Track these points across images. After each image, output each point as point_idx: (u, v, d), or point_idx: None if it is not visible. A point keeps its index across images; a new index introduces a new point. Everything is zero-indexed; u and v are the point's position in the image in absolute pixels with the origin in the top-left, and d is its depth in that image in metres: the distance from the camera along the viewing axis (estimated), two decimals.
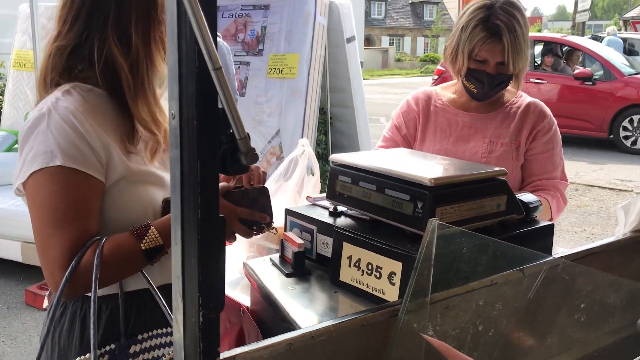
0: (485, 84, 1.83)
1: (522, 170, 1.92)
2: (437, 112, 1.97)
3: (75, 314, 1.33)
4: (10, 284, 4.13)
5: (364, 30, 30.68)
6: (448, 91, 2.02)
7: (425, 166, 1.42)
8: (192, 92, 0.75)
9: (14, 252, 4.07)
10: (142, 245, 1.23)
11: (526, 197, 1.43)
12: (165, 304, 1.31)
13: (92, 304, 1.21)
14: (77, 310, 1.33)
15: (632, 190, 6.97)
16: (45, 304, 2.19)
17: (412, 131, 2.00)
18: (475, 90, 1.86)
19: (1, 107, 6.41)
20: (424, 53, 41.79)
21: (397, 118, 2.04)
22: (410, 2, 46.56)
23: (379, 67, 33.29)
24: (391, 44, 43.46)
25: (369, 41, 40.31)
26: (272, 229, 1.38)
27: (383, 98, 16.88)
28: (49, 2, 5.98)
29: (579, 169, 8.03)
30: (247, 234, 1.34)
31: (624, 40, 14.76)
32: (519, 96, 1.98)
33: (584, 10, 18.86)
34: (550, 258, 1.28)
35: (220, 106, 0.78)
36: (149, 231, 1.24)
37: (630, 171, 7.95)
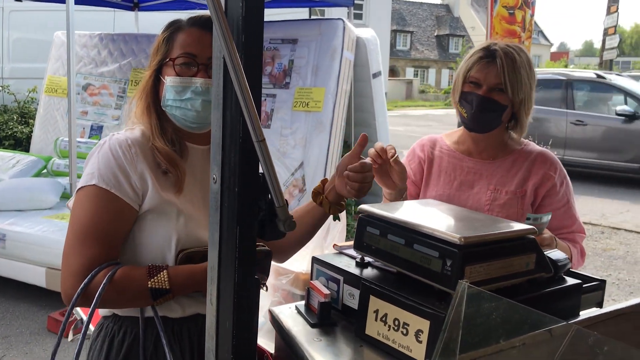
0: (474, 106, 1.79)
1: None
2: (442, 157, 1.97)
3: (106, 335, 1.46)
4: (33, 309, 4.17)
5: (389, 62, 30.92)
6: (452, 137, 2.03)
7: (456, 222, 1.42)
8: (235, 160, 0.77)
9: (38, 277, 4.11)
10: (149, 283, 1.33)
11: (555, 254, 1.42)
12: (166, 343, 1.37)
13: (85, 320, 1.35)
14: (109, 332, 1.46)
15: None
16: (71, 337, 2.21)
17: (418, 177, 2.01)
18: (465, 115, 1.83)
19: (32, 132, 6.56)
20: (449, 85, 41.89)
21: None
22: (435, 34, 46.85)
23: (403, 98, 33.43)
24: (415, 75, 43.65)
25: (393, 72, 40.55)
26: (264, 285, 1.44)
27: (406, 130, 16.91)
28: (83, 30, 6.14)
29: (605, 211, 7.93)
30: None
31: None
32: (526, 145, 1.96)
33: (612, 48, 18.79)
34: (576, 321, 1.28)
35: (260, 173, 0.80)
36: (161, 273, 1.34)
37: None
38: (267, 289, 1.46)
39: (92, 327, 2.07)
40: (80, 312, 2.30)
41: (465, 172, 1.93)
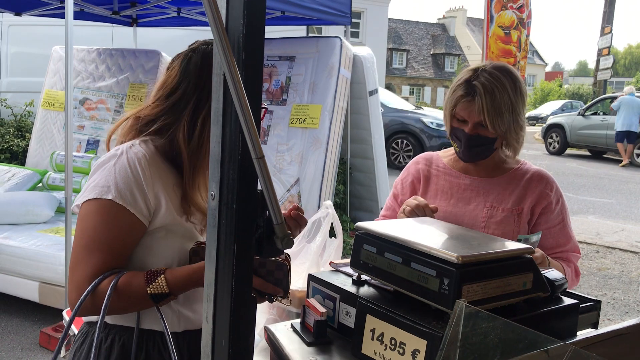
0: (463, 143, 1.84)
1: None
2: (439, 175, 1.99)
3: (92, 342, 1.44)
4: (25, 324, 4.12)
5: (385, 79, 31.06)
6: (449, 155, 2.05)
7: (453, 241, 1.42)
8: (234, 177, 0.77)
9: (31, 292, 4.07)
10: (148, 289, 1.34)
11: (552, 274, 1.42)
12: (174, 351, 1.37)
13: (97, 330, 1.33)
14: (94, 339, 1.43)
15: None
16: (63, 353, 2.19)
17: (407, 196, 2.01)
18: (458, 150, 1.89)
19: (28, 145, 6.54)
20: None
21: (396, 186, 2.08)
22: (431, 53, 47.15)
23: None
24: (411, 93, 43.83)
25: (389, 90, 40.66)
26: (286, 297, 1.39)
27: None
28: (82, 45, 6.16)
29: (600, 230, 7.93)
30: (259, 300, 1.39)
31: None
32: (523, 164, 1.98)
33: (606, 69, 18.93)
34: (573, 341, 1.27)
35: (259, 189, 0.80)
36: (158, 278, 1.35)
37: None
38: (289, 303, 1.44)
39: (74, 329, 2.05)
40: (75, 329, 2.27)
41: (462, 189, 1.94)
